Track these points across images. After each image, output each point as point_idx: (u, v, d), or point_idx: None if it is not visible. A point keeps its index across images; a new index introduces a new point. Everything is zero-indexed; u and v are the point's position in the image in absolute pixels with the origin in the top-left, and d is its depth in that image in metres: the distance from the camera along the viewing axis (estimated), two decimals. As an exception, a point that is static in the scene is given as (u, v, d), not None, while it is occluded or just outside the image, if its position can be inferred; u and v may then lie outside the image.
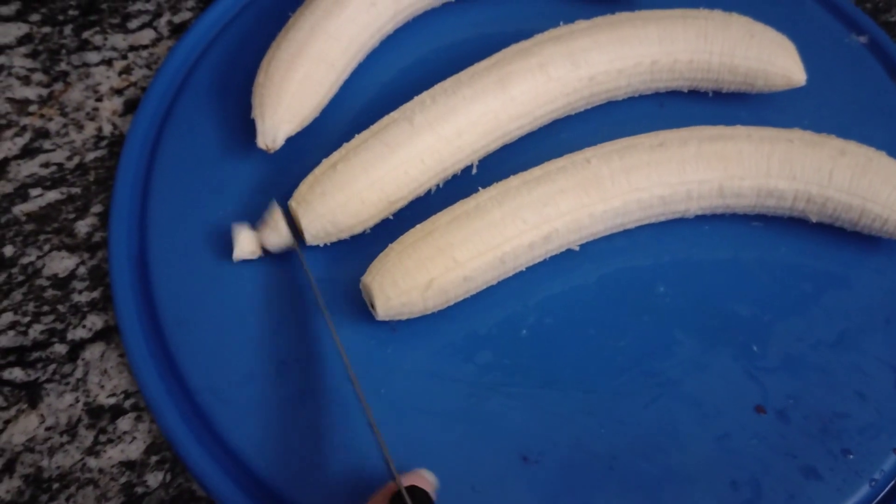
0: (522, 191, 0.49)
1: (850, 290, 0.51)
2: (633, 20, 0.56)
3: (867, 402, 0.47)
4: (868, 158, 0.50)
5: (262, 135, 0.53)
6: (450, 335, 0.49)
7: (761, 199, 0.51)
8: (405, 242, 0.48)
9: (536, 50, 0.54)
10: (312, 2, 0.57)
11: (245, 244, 0.51)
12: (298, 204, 0.50)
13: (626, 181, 0.50)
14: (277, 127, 0.53)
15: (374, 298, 0.47)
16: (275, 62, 0.54)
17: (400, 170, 0.50)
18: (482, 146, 0.53)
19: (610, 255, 0.53)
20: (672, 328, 0.50)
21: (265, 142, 0.53)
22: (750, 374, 0.48)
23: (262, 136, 0.53)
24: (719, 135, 0.51)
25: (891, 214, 0.49)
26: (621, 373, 0.48)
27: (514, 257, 0.49)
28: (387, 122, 0.52)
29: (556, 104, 0.55)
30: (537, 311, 0.50)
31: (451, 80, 0.53)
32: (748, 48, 0.55)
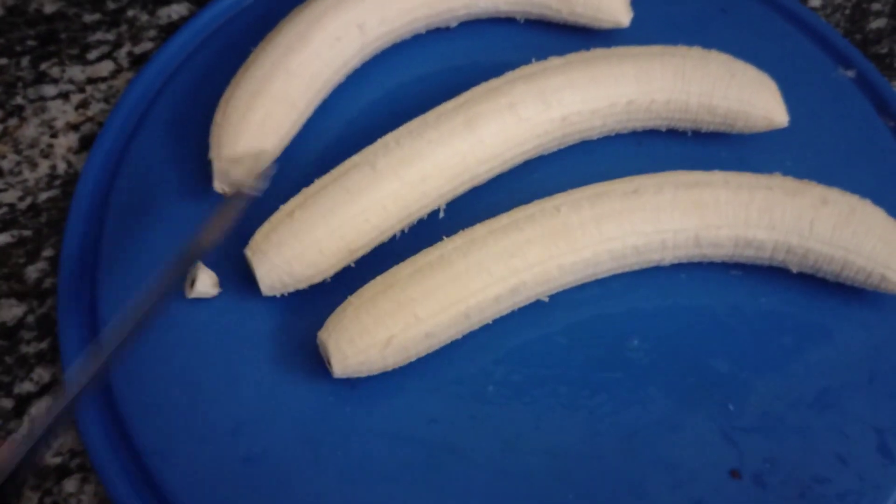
0: (489, 241, 0.47)
1: (833, 344, 0.49)
2: (608, 58, 0.53)
3: (848, 465, 0.45)
4: (851, 208, 0.48)
5: (219, 177, 0.50)
6: (411, 392, 0.47)
7: (739, 249, 0.49)
8: (364, 296, 0.46)
9: (506, 89, 0.52)
10: (274, 37, 0.54)
11: (203, 282, 0.49)
12: (253, 253, 0.47)
13: (597, 231, 0.47)
14: (235, 169, 0.50)
15: (330, 356, 0.45)
16: (233, 101, 0.52)
17: (361, 217, 0.48)
18: (449, 190, 0.51)
19: (581, 304, 0.50)
20: (646, 385, 0.48)
21: (222, 185, 0.51)
22: (726, 435, 0.46)
23: (218, 178, 0.51)
24: (696, 181, 0.49)
25: (875, 267, 0.47)
26: (592, 434, 0.46)
27: (480, 311, 0.46)
28: (348, 167, 0.49)
29: (527, 146, 0.52)
30: (504, 366, 0.48)
31: (418, 122, 0.51)
32: (728, 88, 0.53)
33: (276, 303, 0.49)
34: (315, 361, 0.47)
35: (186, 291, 0.49)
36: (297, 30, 0.54)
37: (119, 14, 0.64)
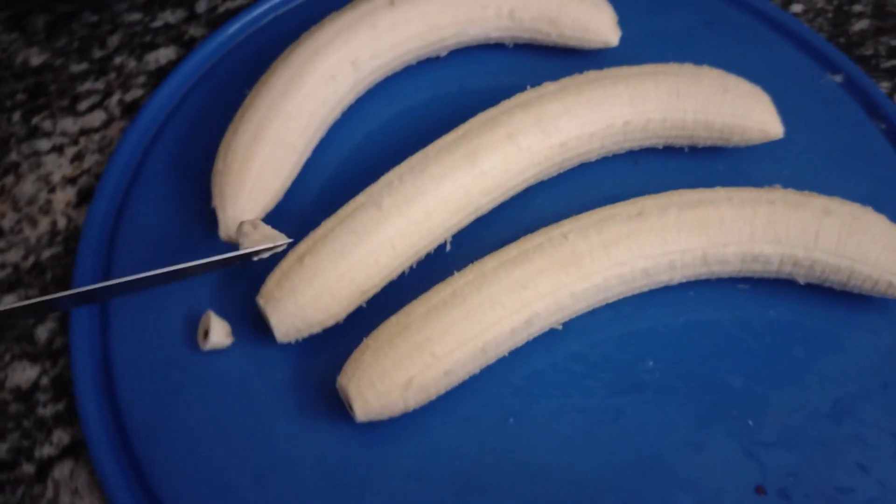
0: (500, 273, 0.47)
1: (844, 353, 0.49)
2: (601, 80, 0.54)
3: (869, 474, 0.46)
4: (854, 217, 0.48)
5: (225, 226, 0.50)
6: (433, 430, 0.47)
7: (746, 264, 0.49)
8: (380, 338, 0.46)
9: (504, 119, 0.52)
10: (268, 79, 0.54)
11: (217, 333, 0.49)
12: (267, 302, 0.47)
13: (605, 256, 0.48)
14: (239, 217, 0.50)
15: (352, 402, 0.45)
16: (233, 148, 0.52)
17: (370, 258, 0.48)
18: (454, 224, 0.51)
19: (593, 328, 0.51)
20: (664, 406, 0.48)
21: (227, 234, 0.50)
22: (747, 451, 0.46)
23: (224, 227, 0.50)
24: (699, 199, 0.49)
25: (882, 275, 0.48)
26: (616, 460, 0.46)
27: (496, 345, 0.46)
28: (353, 207, 0.49)
29: (528, 174, 0.53)
30: (522, 397, 0.48)
31: (419, 157, 0.51)
32: (722, 104, 0.53)
33: (291, 349, 0.49)
34: (335, 406, 0.47)
35: (200, 344, 0.49)
36: (291, 71, 0.54)
37: (107, 62, 0.64)
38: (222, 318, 0.50)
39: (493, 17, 0.58)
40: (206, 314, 0.49)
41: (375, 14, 0.56)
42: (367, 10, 0.56)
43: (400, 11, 0.56)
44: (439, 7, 0.57)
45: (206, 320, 0.49)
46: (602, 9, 0.59)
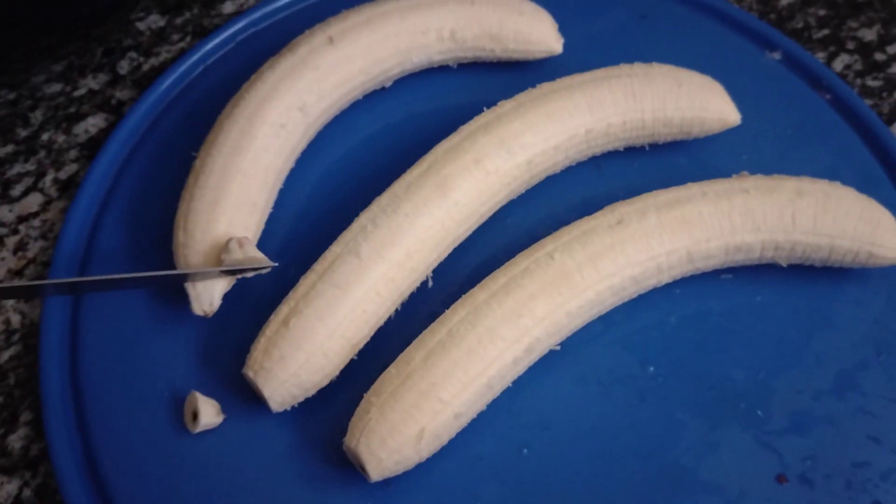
0: (492, 305, 0.46)
1: (835, 328, 0.50)
2: (557, 91, 0.53)
3: (882, 444, 0.46)
4: (825, 194, 0.49)
5: (197, 301, 0.48)
6: (449, 475, 0.46)
7: (730, 256, 0.49)
8: (383, 392, 0.44)
9: (468, 145, 0.51)
10: (217, 137, 0.52)
11: (206, 413, 0.46)
12: (256, 373, 0.45)
13: (594, 270, 0.47)
14: (212, 288, 0.48)
15: (364, 463, 0.43)
16: (192, 216, 0.49)
17: (358, 310, 0.46)
18: (435, 259, 0.50)
19: (588, 343, 0.50)
20: (673, 411, 0.48)
21: (202, 308, 0.48)
22: (762, 442, 0.46)
23: (196, 302, 0.48)
24: (675, 199, 0.49)
25: (861, 246, 0.48)
26: (634, 472, 0.46)
27: (501, 378, 0.45)
28: (331, 259, 0.47)
29: (499, 196, 0.52)
30: (533, 426, 0.47)
31: (388, 196, 0.50)
32: (678, 99, 0.53)
33: (287, 415, 0.47)
34: (343, 467, 0.45)
35: (190, 427, 0.46)
36: (239, 126, 0.52)
37: (33, 140, 0.60)
38: (208, 395, 0.47)
39: (434, 41, 0.57)
40: (192, 395, 0.47)
41: (316, 54, 0.54)
42: (306, 51, 0.54)
43: (341, 49, 0.54)
44: (380, 39, 0.55)
45: (193, 401, 0.46)
46: (542, 18, 0.59)
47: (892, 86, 0.63)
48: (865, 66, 0.64)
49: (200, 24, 0.67)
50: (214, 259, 0.48)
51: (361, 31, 0.56)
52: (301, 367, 0.45)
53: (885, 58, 0.64)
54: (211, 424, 0.46)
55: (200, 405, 0.46)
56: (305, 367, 0.45)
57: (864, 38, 0.66)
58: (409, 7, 0.57)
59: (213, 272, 0.47)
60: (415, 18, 0.57)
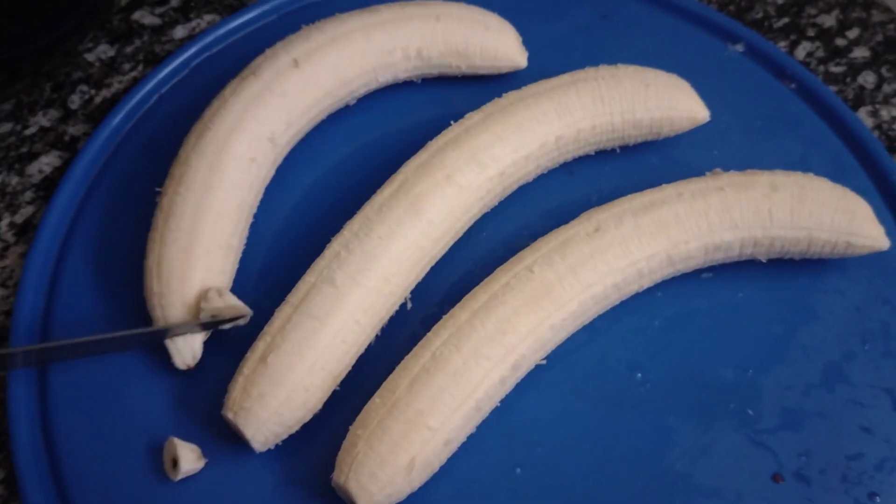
0: (475, 324, 0.45)
1: (819, 319, 0.50)
2: (524, 100, 0.52)
3: (874, 435, 0.46)
4: (800, 187, 0.49)
5: (179, 355, 0.46)
6: (442, 501, 0.44)
7: (709, 255, 0.49)
8: (369, 424, 0.43)
9: (437, 161, 0.50)
10: (185, 174, 0.49)
11: (186, 459, 0.44)
12: (236, 414, 0.43)
13: (576, 281, 0.46)
14: (192, 340, 0.46)
15: (354, 499, 0.41)
16: (165, 262, 0.47)
17: (337, 340, 0.45)
18: (412, 281, 0.49)
19: (573, 354, 0.49)
20: (664, 416, 0.47)
21: (185, 362, 0.46)
22: (755, 441, 0.46)
23: (179, 356, 0.46)
24: (651, 202, 0.48)
25: (839, 237, 0.48)
26: (629, 482, 0.45)
27: (489, 399, 0.44)
28: (306, 290, 0.46)
29: (473, 211, 0.51)
30: (524, 444, 0.46)
31: (360, 219, 0.48)
32: (647, 99, 0.53)
33: (270, 454, 0.45)
34: (333, 503, 0.44)
35: (170, 474, 0.44)
36: (207, 161, 0.49)
37: (-15, 183, 0.58)
38: (187, 439, 0.45)
39: (401, 59, 0.55)
40: (170, 441, 0.45)
41: (282, 78, 0.52)
42: (270, 75, 0.52)
43: (307, 71, 0.53)
44: (346, 60, 0.54)
45: (171, 448, 0.45)
46: (506, 33, 0.58)
47: (854, 71, 0.63)
48: (827, 52, 0.64)
49: (152, 52, 0.65)
50: (192, 307, 0.46)
51: (327, 52, 0.54)
52: (282, 405, 0.43)
53: (846, 42, 0.65)
54: (192, 470, 0.44)
55: (180, 451, 0.44)
56: (287, 403, 0.43)
57: (824, 24, 0.66)
58: (374, 25, 0.56)
59: (191, 326, 0.45)
60: (381, 37, 0.55)
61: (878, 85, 0.62)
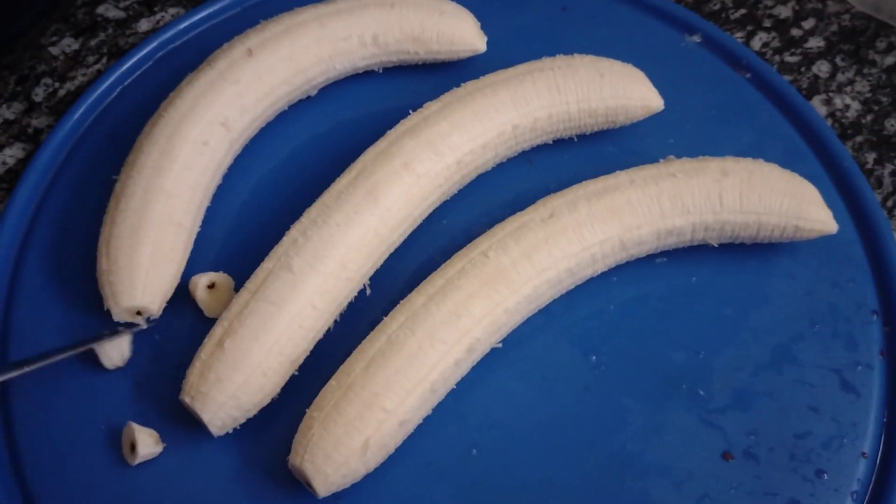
0: (431, 308, 0.45)
1: (769, 302, 0.51)
2: (482, 90, 0.53)
3: (821, 413, 0.47)
4: (750, 172, 0.50)
5: (108, 357, 0.48)
6: (399, 482, 0.45)
7: (662, 240, 0.50)
8: (325, 406, 0.43)
9: (396, 149, 0.50)
10: (137, 159, 0.50)
11: (144, 444, 0.45)
12: (194, 398, 0.44)
13: (530, 266, 0.47)
14: (120, 341, 0.47)
15: (310, 480, 0.42)
16: (114, 241, 0.48)
17: (294, 325, 0.46)
18: (370, 267, 0.49)
19: (529, 338, 0.50)
20: (617, 397, 0.48)
21: (113, 363, 0.48)
22: (706, 421, 0.47)
23: (107, 358, 0.47)
24: (604, 188, 0.49)
25: (788, 221, 0.49)
26: (583, 462, 0.46)
27: (444, 382, 0.45)
28: (264, 276, 0.47)
29: (431, 199, 0.52)
30: (480, 426, 0.47)
31: (318, 207, 0.49)
32: (601, 88, 0.54)
33: (229, 438, 0.46)
34: (290, 486, 0.45)
35: (128, 458, 0.45)
36: (160, 146, 0.50)
37: (-53, 175, 0.58)
38: (146, 424, 0.46)
39: (357, 47, 0.56)
40: (128, 426, 0.45)
41: (235, 68, 0.53)
42: (225, 65, 0.53)
43: (261, 60, 0.53)
44: (300, 48, 0.54)
45: (129, 433, 0.45)
46: (463, 18, 0.58)
47: (809, 60, 0.64)
48: (783, 42, 0.65)
49: (116, 45, 0.65)
50: (139, 284, 0.47)
51: (281, 41, 0.55)
52: (239, 389, 0.44)
53: (801, 33, 0.66)
54: (150, 455, 0.45)
55: (138, 436, 0.45)
56: (244, 387, 0.44)
57: (780, 15, 0.67)
58: (329, 14, 0.56)
59: (111, 334, 0.47)
60: (335, 25, 0.56)
61: (833, 74, 0.63)
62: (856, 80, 0.63)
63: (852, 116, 0.61)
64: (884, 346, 0.49)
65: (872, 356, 0.49)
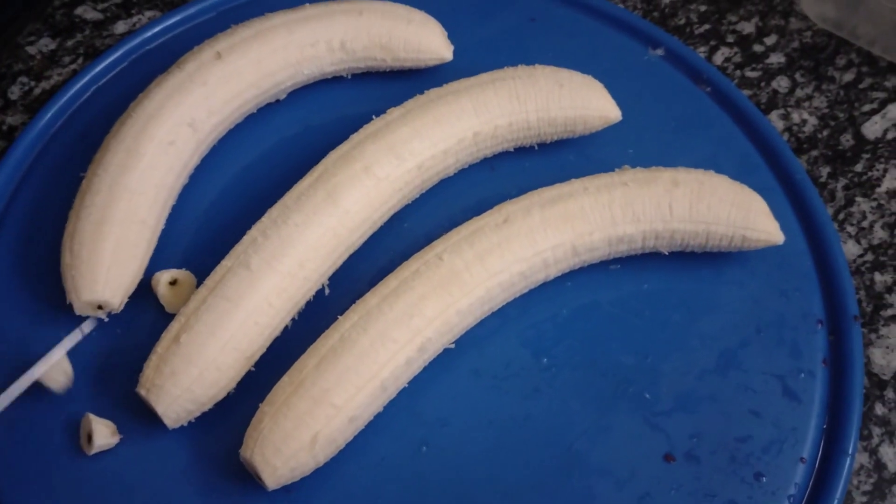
0: (384, 308, 0.47)
1: (718, 309, 0.52)
2: (444, 97, 0.54)
3: (763, 418, 0.48)
4: (700, 183, 0.51)
5: (54, 381, 0.48)
6: (350, 477, 0.46)
7: (613, 247, 0.51)
8: (276, 401, 0.44)
9: (357, 153, 0.52)
10: (103, 157, 0.52)
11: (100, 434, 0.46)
12: (148, 391, 0.45)
13: (482, 269, 0.48)
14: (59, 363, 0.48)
15: (259, 472, 0.43)
16: (78, 236, 0.49)
17: (249, 322, 0.47)
18: (328, 267, 0.51)
19: (485, 339, 0.51)
20: (566, 399, 0.49)
21: (61, 386, 0.48)
22: (650, 423, 0.48)
23: (53, 383, 0.48)
24: (558, 195, 0.51)
25: (735, 231, 0.51)
26: (530, 461, 0.47)
27: (395, 379, 0.46)
28: (221, 274, 0.48)
29: (391, 202, 0.53)
30: (431, 423, 0.48)
31: (278, 207, 0.50)
32: (561, 99, 0.55)
33: (184, 431, 0.47)
34: (242, 480, 0.46)
35: (85, 449, 0.46)
36: (126, 144, 0.52)
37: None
38: (104, 416, 0.47)
39: (324, 52, 0.57)
40: (86, 417, 0.46)
41: (204, 70, 0.54)
42: (193, 67, 0.55)
43: (229, 63, 0.55)
44: (268, 52, 0.56)
45: (87, 424, 0.46)
46: (430, 27, 0.60)
47: (769, 76, 0.66)
48: (744, 58, 0.67)
49: (93, 46, 0.67)
50: (101, 278, 0.48)
51: (250, 45, 0.56)
52: (194, 382, 0.45)
53: (763, 49, 0.67)
54: (106, 445, 0.46)
55: (94, 426, 0.46)
56: (199, 381, 0.45)
57: (743, 30, 0.69)
58: (297, 20, 0.58)
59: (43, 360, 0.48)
60: (303, 31, 0.57)
61: (791, 89, 0.65)
62: (814, 95, 0.65)
63: (809, 131, 0.63)
64: (827, 355, 0.51)
65: (815, 364, 0.50)
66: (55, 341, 0.49)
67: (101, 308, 0.49)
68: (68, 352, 0.49)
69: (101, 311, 0.50)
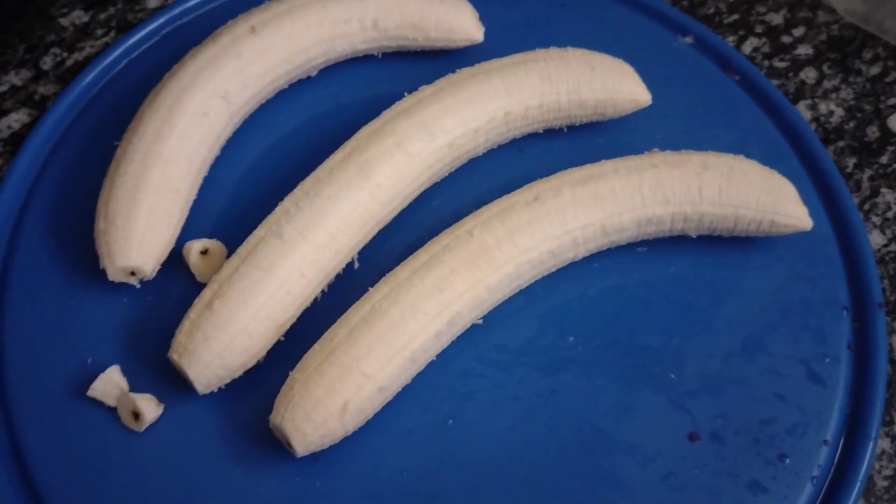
0: (414, 281, 0.47)
1: (743, 294, 0.52)
2: (476, 76, 0.55)
3: (787, 401, 0.49)
4: (730, 167, 0.51)
5: (106, 396, 0.47)
6: (376, 448, 0.47)
7: (642, 228, 0.51)
8: (307, 369, 0.45)
9: (389, 129, 0.52)
10: (138, 126, 0.52)
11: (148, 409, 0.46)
12: (181, 356, 0.46)
13: (512, 245, 0.49)
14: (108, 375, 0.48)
15: (289, 438, 0.44)
16: (112, 202, 0.49)
17: (282, 291, 0.47)
18: (359, 241, 0.51)
19: (512, 316, 0.52)
20: (592, 377, 0.49)
21: (113, 396, 0.47)
22: (675, 403, 0.49)
23: (106, 397, 0.47)
24: (589, 175, 0.51)
25: (764, 216, 0.51)
26: (554, 437, 0.47)
27: (424, 351, 0.47)
28: (254, 242, 0.48)
29: (422, 179, 0.53)
30: (457, 397, 0.49)
31: (311, 180, 0.51)
32: (592, 81, 0.55)
33: (215, 397, 0.48)
34: (272, 446, 0.46)
35: (133, 426, 0.46)
36: (160, 114, 0.52)
37: (-46, 137, 0.59)
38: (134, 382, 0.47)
39: (357, 30, 0.58)
40: (125, 396, 0.47)
41: (238, 43, 0.55)
42: (228, 40, 0.55)
43: (263, 37, 0.55)
44: (302, 28, 0.56)
45: (129, 402, 0.46)
46: (462, 8, 0.60)
47: (797, 66, 0.66)
48: (773, 48, 0.67)
49: (125, 19, 0.67)
50: (135, 244, 0.48)
51: (283, 21, 0.56)
52: (226, 348, 0.46)
53: (791, 40, 0.68)
54: (154, 419, 0.46)
55: (140, 403, 0.46)
56: (230, 347, 0.46)
57: (772, 21, 0.69)
58: (332, -2, 0.58)
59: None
60: (336, 8, 0.58)
61: (819, 81, 0.65)
62: (841, 87, 0.65)
63: (835, 122, 0.63)
64: (852, 341, 0.51)
65: (840, 350, 0.50)
66: (88, 307, 0.50)
67: (134, 274, 0.50)
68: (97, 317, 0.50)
69: (133, 278, 0.50)
